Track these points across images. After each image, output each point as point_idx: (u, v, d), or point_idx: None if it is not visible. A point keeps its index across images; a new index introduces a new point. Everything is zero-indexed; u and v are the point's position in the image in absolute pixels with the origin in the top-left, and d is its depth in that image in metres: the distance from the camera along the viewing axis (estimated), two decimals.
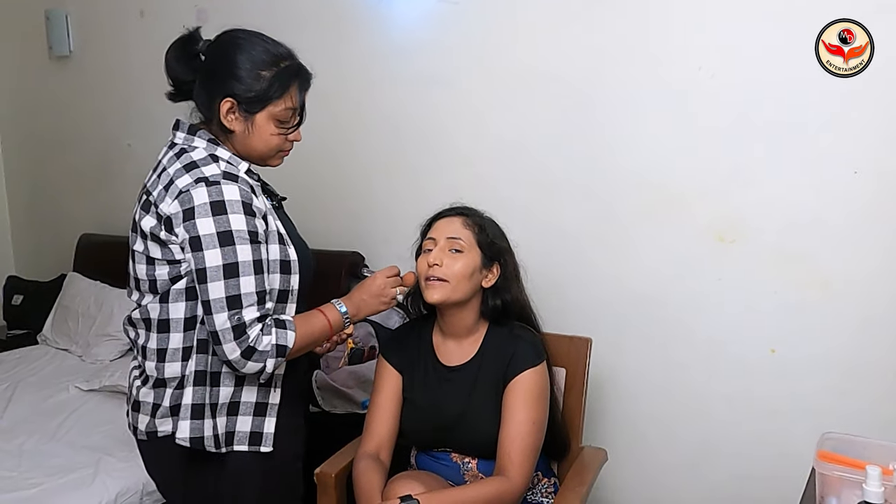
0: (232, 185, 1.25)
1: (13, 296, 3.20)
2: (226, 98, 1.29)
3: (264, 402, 1.35)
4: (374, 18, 2.28)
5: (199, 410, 1.30)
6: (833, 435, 1.27)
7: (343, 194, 2.39)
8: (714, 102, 1.79)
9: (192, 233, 1.23)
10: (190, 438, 1.29)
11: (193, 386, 1.29)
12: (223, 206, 1.23)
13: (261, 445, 1.34)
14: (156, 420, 1.32)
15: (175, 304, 1.30)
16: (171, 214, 1.25)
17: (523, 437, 1.48)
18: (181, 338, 1.30)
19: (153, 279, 1.31)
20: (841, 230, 1.69)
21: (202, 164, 1.28)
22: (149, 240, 1.29)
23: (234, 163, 1.32)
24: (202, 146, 1.32)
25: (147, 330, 1.33)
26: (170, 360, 1.31)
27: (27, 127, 3.49)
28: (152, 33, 2.88)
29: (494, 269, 1.56)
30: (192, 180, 1.25)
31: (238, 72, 1.29)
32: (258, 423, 1.34)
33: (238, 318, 1.22)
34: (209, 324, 1.24)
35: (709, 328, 1.86)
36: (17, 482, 1.80)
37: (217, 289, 1.22)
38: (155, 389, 1.33)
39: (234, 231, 1.23)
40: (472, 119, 2.14)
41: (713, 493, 1.91)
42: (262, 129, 1.32)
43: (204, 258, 1.22)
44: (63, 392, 2.38)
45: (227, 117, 1.30)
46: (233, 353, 1.23)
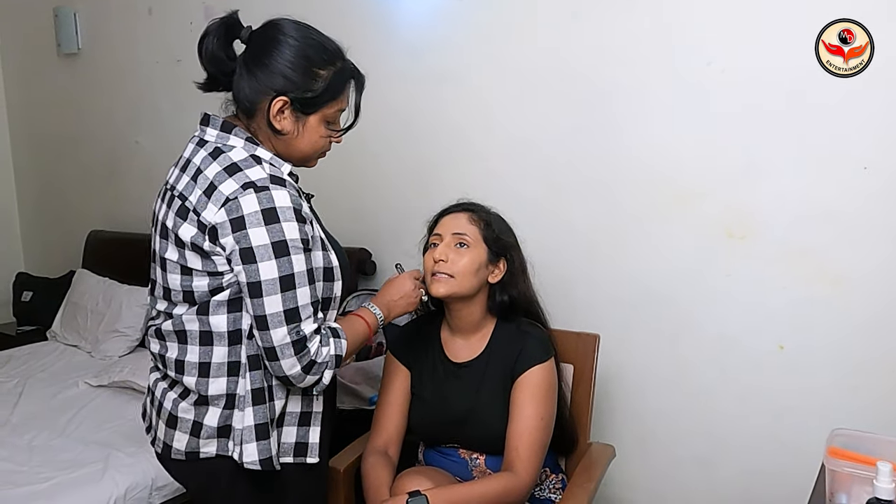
0: (282, 191, 1.16)
1: (23, 292, 3.22)
2: (278, 97, 1.20)
3: (308, 411, 1.28)
4: (384, 15, 2.28)
5: (264, 430, 1.21)
6: (843, 431, 1.26)
7: (351, 190, 2.39)
8: (723, 97, 1.78)
9: (243, 244, 1.14)
10: (260, 461, 1.21)
11: (254, 406, 1.20)
12: (275, 214, 1.14)
13: (306, 456, 1.29)
14: (199, 440, 1.23)
15: (216, 316, 1.20)
16: (217, 224, 1.15)
17: (531, 433, 1.48)
18: (225, 352, 1.21)
19: (189, 290, 1.21)
20: (851, 226, 1.68)
21: (244, 166, 1.18)
22: (187, 249, 1.19)
23: (277, 164, 1.23)
24: (240, 145, 1.22)
25: (182, 343, 1.23)
26: (214, 376, 1.22)
27: (36, 124, 3.51)
28: (160, 31, 2.90)
29: (501, 265, 1.56)
30: (239, 186, 1.15)
31: (292, 69, 1.19)
32: (303, 434, 1.28)
33: (298, 332, 1.16)
34: (265, 339, 1.16)
35: (717, 324, 1.86)
36: (27, 477, 1.81)
37: (274, 303, 1.14)
38: (197, 407, 1.23)
39: (288, 240, 1.15)
40: (482, 115, 2.14)
41: (722, 490, 1.90)
42: (312, 131, 1.24)
43: (258, 271, 1.14)
44: (72, 388, 2.40)
45: (277, 117, 1.21)
46: (292, 369, 1.16)
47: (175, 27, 2.82)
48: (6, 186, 3.62)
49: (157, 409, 1.29)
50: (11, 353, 2.76)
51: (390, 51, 2.27)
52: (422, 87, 2.23)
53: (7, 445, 1.99)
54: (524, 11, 2.03)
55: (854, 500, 1.14)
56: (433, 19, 2.21)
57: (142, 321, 2.71)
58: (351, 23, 2.29)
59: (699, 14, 1.79)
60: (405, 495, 1.37)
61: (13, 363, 2.65)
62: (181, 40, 2.80)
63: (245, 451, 1.20)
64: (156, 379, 1.31)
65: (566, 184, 2.02)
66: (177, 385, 1.26)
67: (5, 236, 3.62)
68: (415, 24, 2.24)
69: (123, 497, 1.78)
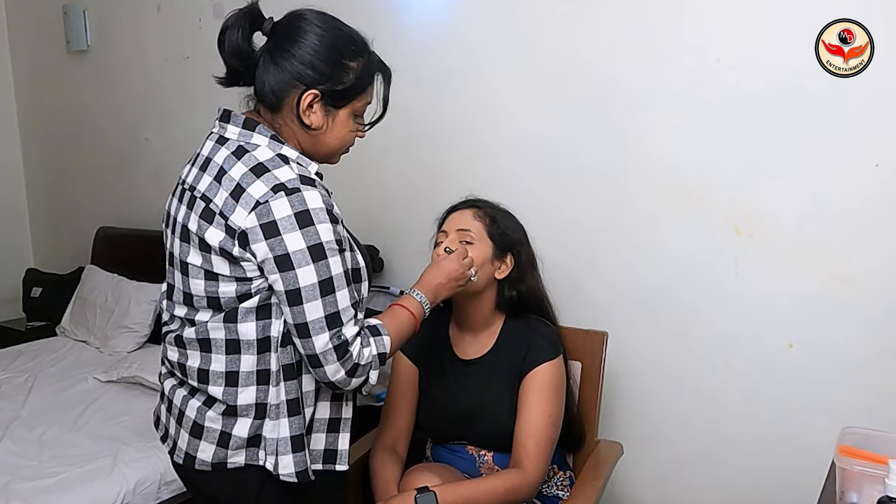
0: (313, 191, 1.11)
1: (32, 288, 3.24)
2: (309, 90, 1.15)
3: (337, 417, 1.24)
4: (393, 12, 2.28)
5: (300, 442, 1.17)
6: (853, 429, 1.26)
7: (359, 187, 2.39)
8: (732, 94, 1.77)
9: (278, 251, 1.09)
10: (296, 473, 1.16)
11: (289, 417, 1.16)
12: (309, 217, 1.09)
13: (336, 463, 1.24)
14: (227, 451, 1.18)
15: (245, 324, 1.15)
16: (248, 229, 1.09)
17: (539, 430, 1.48)
18: (254, 360, 1.16)
19: (215, 296, 1.15)
20: (861, 223, 1.67)
21: (272, 166, 1.12)
22: (214, 254, 1.13)
23: (304, 163, 1.17)
24: (264, 143, 1.16)
25: (205, 351, 1.18)
26: (244, 385, 1.16)
27: (45, 121, 3.53)
28: (169, 28, 2.90)
29: (507, 261, 1.56)
30: (269, 189, 1.10)
31: (323, 61, 1.14)
32: (332, 440, 1.24)
33: (340, 337, 1.11)
34: (306, 347, 1.11)
35: (726, 322, 1.85)
36: (37, 471, 1.82)
37: (315, 309, 1.10)
38: (225, 417, 1.18)
39: (324, 243, 1.10)
40: (490, 112, 2.14)
41: (730, 488, 1.89)
42: (342, 126, 1.20)
43: (297, 278, 1.09)
44: (82, 383, 2.41)
45: (307, 111, 1.16)
46: (337, 374, 1.12)
47: (184, 24, 2.83)
48: (16, 183, 3.64)
49: (178, 418, 1.23)
50: (21, 349, 2.78)
51: (398, 48, 2.26)
52: (430, 85, 2.23)
53: (17, 440, 2.00)
54: (532, 8, 2.03)
55: (865, 498, 1.13)
56: (441, 16, 2.21)
57: (150, 317, 2.72)
58: (359, 20, 2.26)
59: (707, 10, 1.79)
60: (413, 491, 1.37)
61: (23, 358, 2.67)
62: (190, 37, 2.81)
63: (281, 462, 1.16)
64: (172, 386, 1.26)
65: (574, 181, 2.02)
66: (198, 392, 1.21)
67: (15, 233, 3.64)
68: (423, 22, 2.24)
69: (133, 491, 1.79)
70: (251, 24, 1.16)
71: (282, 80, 1.15)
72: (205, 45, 2.74)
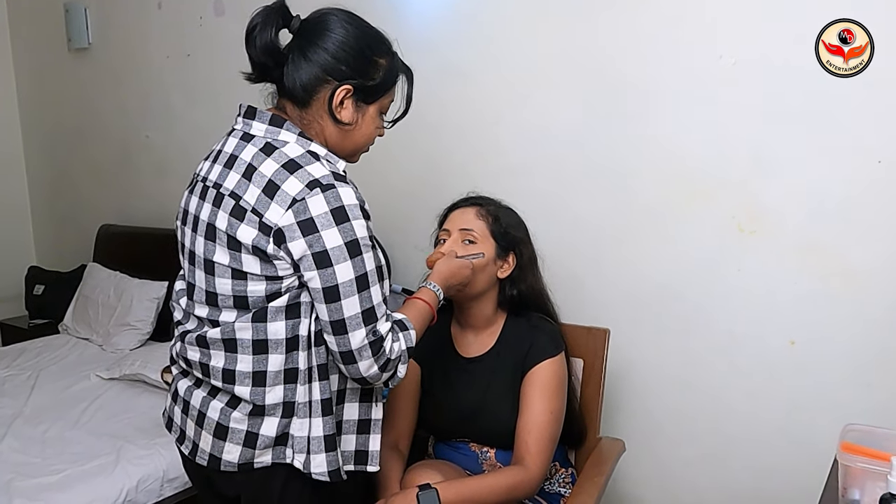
0: (347, 188, 1.12)
1: (35, 286, 3.25)
2: (342, 85, 1.15)
3: (367, 418, 1.24)
4: (396, 9, 2.27)
5: (332, 442, 1.17)
6: (856, 426, 1.25)
7: (362, 183, 2.36)
8: (735, 92, 1.76)
9: (316, 247, 1.08)
10: (329, 472, 1.17)
11: (323, 416, 1.16)
12: (344, 213, 1.09)
13: (367, 465, 1.24)
14: (255, 451, 1.17)
15: (274, 323, 1.14)
16: (284, 227, 1.08)
17: (541, 427, 1.48)
18: (282, 360, 1.15)
19: (243, 296, 1.14)
20: (863, 220, 1.67)
21: (304, 162, 1.12)
22: (245, 253, 1.12)
23: (332, 160, 1.17)
24: (293, 140, 1.15)
25: (230, 351, 1.16)
26: (272, 385, 1.15)
27: (47, 119, 3.53)
28: (171, 25, 2.90)
29: (510, 259, 1.55)
30: (304, 185, 1.09)
31: (355, 57, 1.15)
32: (362, 441, 1.24)
33: (375, 333, 1.12)
34: (342, 344, 1.10)
35: (728, 319, 1.85)
36: (40, 468, 1.83)
37: (352, 305, 1.09)
38: (252, 418, 1.16)
39: (359, 239, 1.10)
40: (494, 108, 2.13)
41: (732, 485, 1.89)
42: (370, 122, 1.21)
43: (335, 274, 1.08)
44: (84, 380, 2.42)
45: (339, 107, 1.16)
46: (370, 370, 1.12)
47: (185, 22, 2.82)
48: (18, 181, 3.65)
49: (198, 420, 1.21)
50: (24, 346, 2.79)
51: (403, 44, 2.22)
52: (434, 82, 2.22)
53: (20, 437, 2.01)
54: (536, 6, 2.02)
55: (867, 495, 1.12)
56: (445, 13, 2.20)
57: (152, 315, 2.73)
58: (364, 15, 2.27)
59: (710, 7, 1.78)
60: (415, 488, 1.37)
61: (26, 356, 2.68)
62: (191, 35, 2.81)
63: (314, 461, 1.16)
64: (188, 387, 1.24)
65: (577, 178, 2.02)
66: (220, 393, 1.19)
67: (17, 230, 3.64)
68: (427, 19, 2.24)
69: (135, 489, 1.79)
70: (280, 19, 1.15)
71: (313, 76, 1.15)
72: (206, 43, 2.75)
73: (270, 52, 1.15)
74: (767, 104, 1.73)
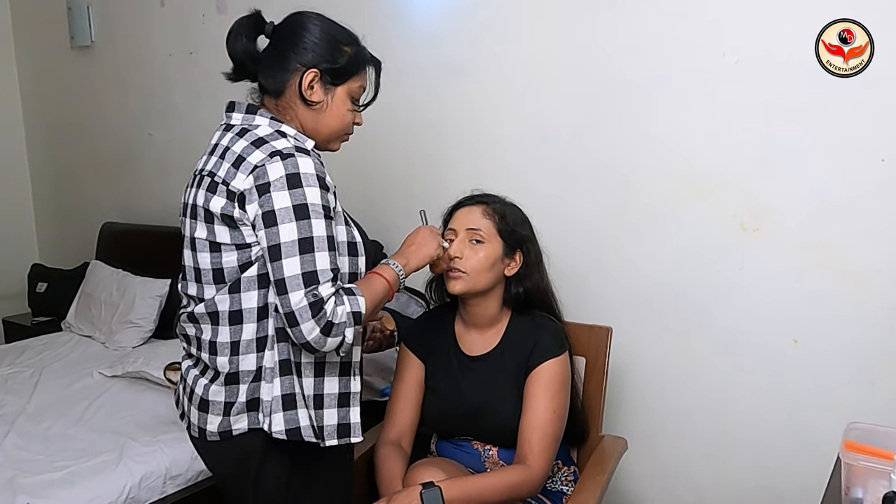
0: (306, 158, 1.20)
1: (38, 283, 3.25)
2: (310, 69, 1.26)
3: (346, 391, 1.30)
4: (400, 5, 2.27)
5: (291, 400, 1.24)
6: (859, 425, 1.25)
7: (364, 182, 2.39)
8: (738, 90, 1.76)
9: (266, 207, 1.17)
10: (286, 431, 1.23)
11: (280, 376, 1.23)
12: (299, 179, 1.18)
13: (350, 436, 1.29)
14: (231, 418, 1.25)
15: (247, 293, 1.23)
16: (245, 189, 1.19)
17: (544, 426, 1.48)
18: (254, 328, 1.24)
19: (219, 268, 1.24)
20: (867, 218, 1.66)
21: (271, 139, 1.23)
22: (217, 223, 1.23)
23: (301, 139, 1.27)
24: (265, 123, 1.27)
25: (214, 324, 1.26)
26: (244, 353, 1.24)
27: (50, 117, 3.54)
28: (173, 23, 2.90)
29: (517, 257, 1.55)
30: (266, 155, 1.19)
31: (320, 45, 1.28)
32: (343, 415, 1.29)
33: (315, 295, 1.15)
34: (283, 304, 1.16)
35: (731, 317, 1.85)
36: (43, 465, 1.83)
37: (292, 265, 1.15)
38: (227, 386, 1.25)
39: (309, 204, 1.17)
40: (496, 106, 2.13)
41: (734, 484, 1.89)
42: (340, 104, 1.30)
43: (279, 233, 1.16)
44: (87, 378, 2.42)
45: (309, 90, 1.27)
46: (311, 333, 1.15)
47: (188, 19, 2.82)
48: (21, 179, 3.66)
49: (189, 395, 1.31)
50: (27, 344, 2.80)
51: (405, 41, 2.26)
52: (436, 78, 2.22)
53: (23, 434, 2.01)
54: (540, 4, 2.02)
55: (870, 494, 1.13)
56: (449, 9, 2.20)
57: (155, 312, 2.74)
58: (367, 12, 2.29)
59: (713, 4, 1.78)
60: (418, 486, 1.37)
61: (29, 353, 2.69)
62: (194, 33, 2.81)
63: (273, 420, 1.23)
64: (188, 366, 1.34)
65: (579, 176, 2.02)
66: (208, 370, 1.28)
67: (20, 228, 3.65)
68: (430, 15, 2.24)
69: (138, 486, 1.79)
70: (254, 29, 1.30)
71: (285, 68, 1.28)
72: (209, 40, 2.74)
73: (246, 53, 1.30)
74: (770, 102, 1.73)
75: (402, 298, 2.11)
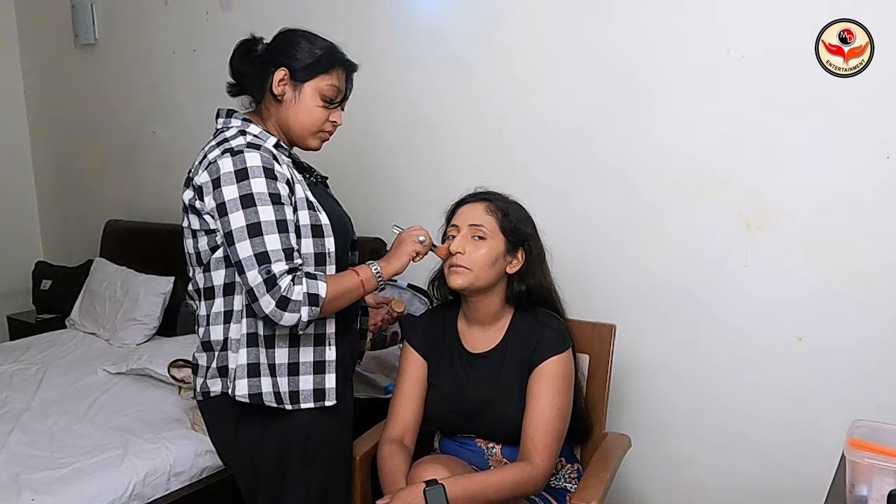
0: (254, 153, 1.34)
1: (42, 281, 3.26)
2: (280, 68, 1.41)
3: (321, 360, 1.43)
4: (401, 0, 2.27)
5: (255, 369, 1.38)
6: (864, 422, 1.25)
7: (366, 179, 2.39)
8: (742, 86, 1.76)
9: (218, 199, 1.33)
10: (249, 395, 1.37)
11: (247, 347, 1.38)
12: (245, 173, 1.32)
13: (325, 400, 1.42)
14: (206, 381, 1.43)
15: (216, 271, 1.39)
16: (202, 184, 1.35)
17: (547, 423, 1.48)
18: (222, 302, 1.40)
19: (198, 251, 1.41)
20: (872, 215, 1.66)
21: (232, 138, 1.38)
22: (189, 213, 1.40)
23: (263, 137, 1.41)
24: (236, 125, 1.43)
25: (198, 300, 1.44)
26: (213, 324, 1.41)
27: (54, 115, 3.55)
28: (176, 21, 2.91)
29: (519, 255, 1.55)
30: (220, 152, 1.35)
31: (292, 47, 1.43)
32: (319, 381, 1.42)
33: (268, 272, 1.29)
34: (244, 283, 1.31)
35: (735, 315, 1.84)
36: (48, 461, 1.84)
37: (245, 248, 1.30)
38: (206, 353, 1.43)
39: (254, 194, 1.31)
40: (499, 102, 2.13)
41: (738, 481, 1.89)
42: (308, 100, 1.43)
43: (230, 221, 1.31)
44: (91, 375, 2.43)
45: (278, 86, 1.41)
46: (268, 306, 1.28)
47: (191, 17, 2.83)
48: (25, 177, 3.67)
49: None
50: (31, 341, 2.81)
51: (409, 36, 2.26)
52: (439, 73, 2.22)
53: (28, 431, 2.02)
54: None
55: (875, 491, 1.12)
56: (452, 5, 2.19)
57: (159, 310, 2.75)
58: (370, 7, 2.29)
59: (720, 1, 1.77)
60: (422, 484, 1.37)
61: (33, 350, 2.70)
62: (197, 30, 2.81)
63: (237, 385, 1.37)
64: None
65: (583, 173, 2.01)
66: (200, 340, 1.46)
67: (25, 226, 3.66)
68: (434, 10, 2.23)
69: (142, 482, 1.80)
70: (248, 47, 1.46)
71: (263, 71, 1.43)
72: (212, 38, 2.75)
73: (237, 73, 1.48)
74: (775, 99, 1.72)
75: (406, 296, 2.11)
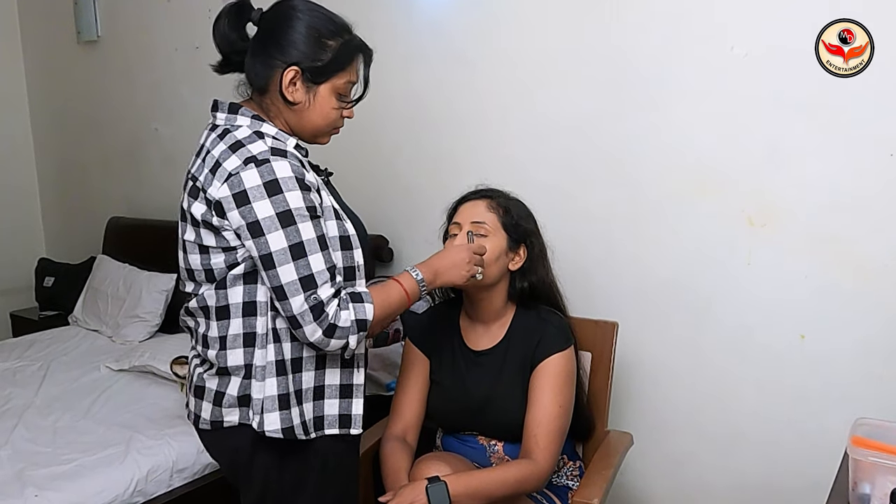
0: (282, 161, 1.18)
1: (45, 277, 3.27)
2: (290, 67, 1.22)
3: (349, 383, 1.30)
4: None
5: (286, 400, 1.23)
6: (867, 420, 1.25)
7: (369, 176, 2.39)
8: (746, 83, 1.75)
9: (249, 218, 1.16)
10: (282, 430, 1.22)
11: (277, 377, 1.23)
12: (277, 185, 1.16)
13: (350, 427, 1.30)
14: (222, 409, 1.26)
15: (233, 289, 1.23)
16: (221, 199, 1.18)
17: (550, 420, 1.48)
18: (240, 324, 1.24)
19: (209, 269, 1.24)
20: (876, 213, 1.65)
21: (248, 142, 1.21)
22: (201, 227, 1.23)
23: (282, 139, 1.25)
24: (246, 124, 1.25)
25: (206, 318, 1.28)
26: (231, 348, 1.24)
27: (57, 112, 3.55)
28: (179, 18, 2.90)
29: (521, 252, 1.55)
30: (241, 162, 1.18)
31: (302, 41, 1.23)
32: (345, 406, 1.29)
33: (315, 298, 1.16)
34: (285, 309, 1.17)
35: (738, 313, 1.84)
36: (51, 458, 1.84)
37: (288, 272, 1.16)
38: (219, 377, 1.27)
39: (293, 210, 1.17)
40: (501, 99, 2.13)
41: (741, 479, 1.89)
42: (323, 102, 1.26)
43: (268, 243, 1.16)
44: (94, 371, 2.43)
45: (289, 88, 1.23)
46: (314, 335, 1.17)
47: (194, 14, 2.82)
48: (28, 173, 3.67)
49: (190, 384, 1.34)
50: (34, 338, 2.81)
51: (411, 32, 2.25)
52: (441, 69, 2.21)
53: (31, 427, 2.02)
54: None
55: (878, 489, 1.12)
56: (455, 1, 2.19)
57: (161, 307, 2.75)
58: (372, 4, 2.27)
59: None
60: (424, 481, 1.37)
61: (36, 347, 2.70)
62: (200, 27, 2.80)
63: (266, 420, 1.22)
64: (193, 355, 1.36)
65: (585, 170, 2.01)
66: (205, 361, 1.30)
67: (27, 222, 3.67)
68: (436, 5, 2.23)
69: (145, 479, 1.80)
70: (239, 14, 1.26)
71: (267, 63, 1.24)
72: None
73: (229, 44, 1.26)
74: (778, 97, 1.72)
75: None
